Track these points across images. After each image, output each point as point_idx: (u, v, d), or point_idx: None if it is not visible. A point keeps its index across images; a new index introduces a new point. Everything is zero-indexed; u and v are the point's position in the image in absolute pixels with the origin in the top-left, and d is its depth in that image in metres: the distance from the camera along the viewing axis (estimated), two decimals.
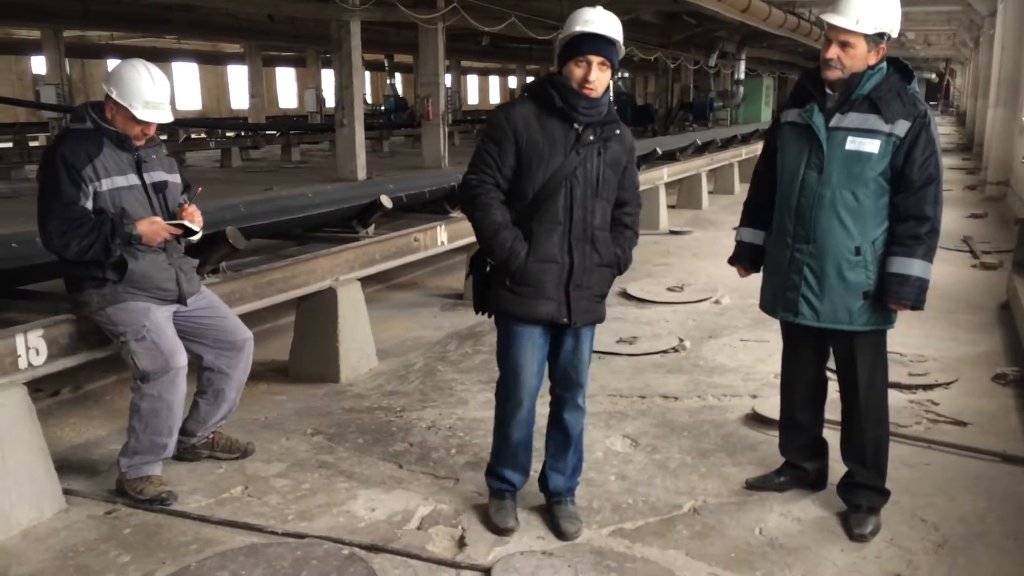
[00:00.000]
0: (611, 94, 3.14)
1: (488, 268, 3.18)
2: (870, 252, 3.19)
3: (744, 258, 3.60)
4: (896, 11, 3.19)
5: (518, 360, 3.20)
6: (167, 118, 3.50)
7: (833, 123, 3.19)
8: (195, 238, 3.66)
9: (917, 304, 3.18)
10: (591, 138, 3.10)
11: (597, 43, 3.04)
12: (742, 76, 30.59)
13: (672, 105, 31.12)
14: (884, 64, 3.19)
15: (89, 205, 3.37)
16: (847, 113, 3.18)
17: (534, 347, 3.19)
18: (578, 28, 3.04)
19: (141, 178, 3.53)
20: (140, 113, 3.41)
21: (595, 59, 3.04)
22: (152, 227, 3.45)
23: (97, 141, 3.43)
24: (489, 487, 3.44)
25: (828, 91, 3.24)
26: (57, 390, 4.74)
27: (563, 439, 3.38)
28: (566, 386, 3.32)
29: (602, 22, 3.05)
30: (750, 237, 3.57)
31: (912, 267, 3.14)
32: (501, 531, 3.28)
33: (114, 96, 3.41)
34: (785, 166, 3.35)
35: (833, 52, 3.16)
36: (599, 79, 3.06)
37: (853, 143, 3.16)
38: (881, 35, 3.14)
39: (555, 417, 3.38)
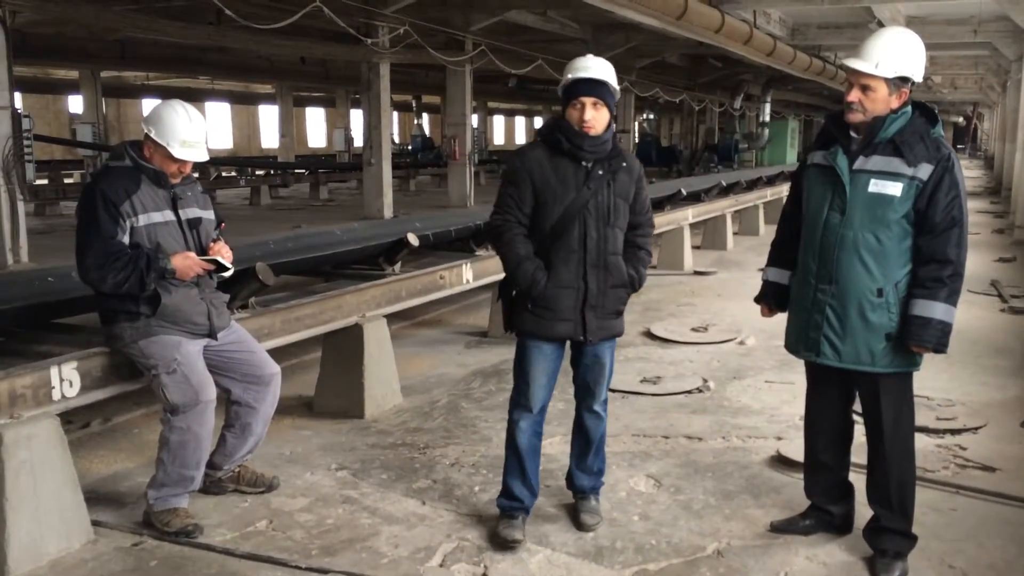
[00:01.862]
0: (613, 130, 3.49)
1: (514, 294, 3.50)
2: (893, 294, 3.19)
3: (769, 297, 3.62)
4: (918, 56, 3.22)
5: (531, 372, 3.52)
6: (203, 157, 3.60)
7: (857, 165, 3.22)
8: (227, 274, 3.74)
9: (939, 347, 3.17)
10: (600, 173, 3.40)
11: (589, 85, 3.36)
12: (767, 118, 30.63)
13: (697, 146, 31.23)
14: (909, 108, 3.22)
15: (126, 240, 3.46)
16: (870, 156, 3.20)
17: (547, 362, 3.51)
18: (570, 75, 3.40)
19: (176, 214, 3.62)
20: (177, 152, 3.51)
21: (587, 100, 3.35)
22: (186, 262, 3.53)
23: (135, 178, 3.53)
24: (500, 508, 3.60)
25: (853, 134, 3.27)
26: (87, 422, 4.82)
27: (584, 442, 3.69)
28: (584, 395, 3.64)
29: (592, 67, 3.39)
30: (775, 276, 3.59)
31: (934, 310, 3.13)
32: (508, 543, 3.42)
33: (152, 135, 3.52)
34: (809, 207, 3.38)
35: (854, 95, 3.21)
36: (595, 118, 3.35)
37: (876, 186, 3.18)
38: (903, 79, 3.18)
39: (577, 422, 3.71)
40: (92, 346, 3.69)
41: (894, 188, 3.16)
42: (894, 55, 3.16)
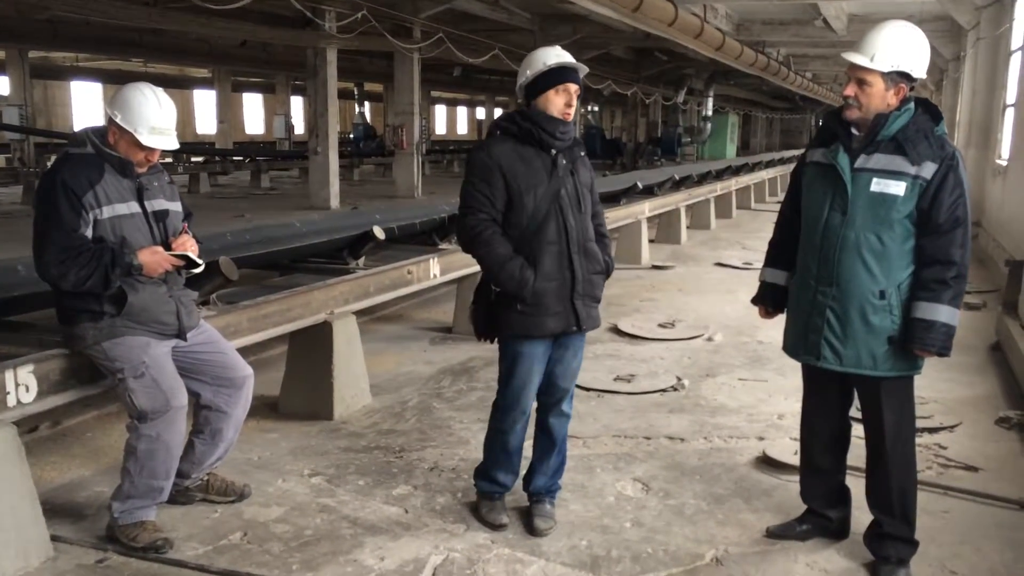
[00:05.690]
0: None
1: (494, 296, 3.34)
2: (895, 296, 3.12)
3: (767, 299, 3.53)
4: (920, 51, 3.13)
5: (525, 376, 3.40)
6: (173, 144, 3.34)
7: (858, 164, 3.13)
8: (197, 270, 3.49)
9: (943, 351, 3.11)
10: (564, 161, 3.34)
11: (573, 73, 3.32)
12: (709, 112, 30.99)
13: (640, 139, 31.40)
14: (912, 105, 3.15)
15: (89, 233, 3.19)
16: (872, 154, 3.12)
17: (539, 362, 3.40)
18: (553, 61, 3.29)
19: (142, 206, 3.36)
20: (145, 139, 3.25)
21: (573, 87, 3.31)
22: (154, 257, 3.28)
23: (98, 167, 3.26)
24: (479, 489, 3.63)
25: (854, 131, 3.18)
26: (35, 426, 4.48)
27: (548, 443, 3.57)
28: (553, 392, 3.50)
29: (570, 57, 3.34)
30: (773, 277, 3.50)
31: (938, 313, 3.08)
32: (495, 527, 3.48)
33: (118, 120, 3.24)
34: (809, 207, 3.29)
35: (851, 90, 3.13)
36: (574, 106, 3.34)
37: (878, 185, 3.10)
38: (902, 74, 3.09)
39: (541, 422, 3.57)
40: (44, 346, 3.42)
41: (897, 187, 3.08)
42: (892, 49, 3.08)
